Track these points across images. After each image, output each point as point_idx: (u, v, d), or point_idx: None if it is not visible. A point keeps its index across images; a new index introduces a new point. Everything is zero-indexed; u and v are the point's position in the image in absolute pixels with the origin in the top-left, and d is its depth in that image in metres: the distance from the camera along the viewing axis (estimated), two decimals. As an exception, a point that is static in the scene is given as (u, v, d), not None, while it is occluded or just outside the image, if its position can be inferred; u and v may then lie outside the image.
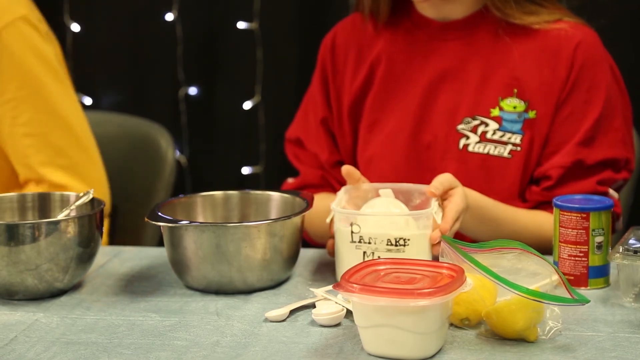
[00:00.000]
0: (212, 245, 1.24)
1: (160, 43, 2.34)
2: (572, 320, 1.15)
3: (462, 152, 1.47)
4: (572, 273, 1.27)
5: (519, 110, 1.46)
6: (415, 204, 1.35)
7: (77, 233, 1.26)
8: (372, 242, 1.24)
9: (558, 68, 1.46)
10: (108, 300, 1.26)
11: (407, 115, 1.51)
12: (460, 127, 1.48)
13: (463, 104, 1.48)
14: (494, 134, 1.47)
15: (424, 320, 1.03)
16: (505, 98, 1.46)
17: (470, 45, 1.50)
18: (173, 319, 1.19)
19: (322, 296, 1.22)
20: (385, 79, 1.53)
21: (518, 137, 1.46)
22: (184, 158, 2.39)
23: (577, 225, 1.26)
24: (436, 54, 1.50)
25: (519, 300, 1.08)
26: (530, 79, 1.46)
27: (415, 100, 1.50)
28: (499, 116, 1.47)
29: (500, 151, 1.46)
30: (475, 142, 1.47)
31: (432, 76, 1.50)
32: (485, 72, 1.48)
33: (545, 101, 1.46)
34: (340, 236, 1.27)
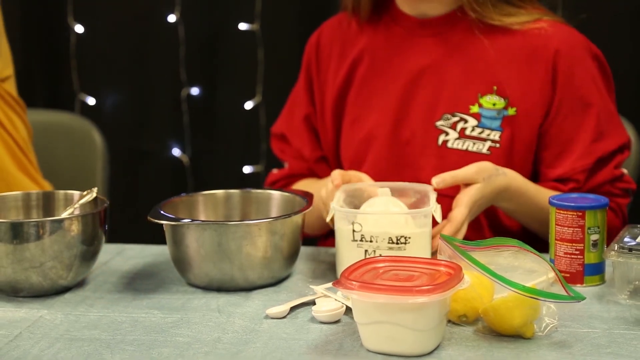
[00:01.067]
0: (214, 243, 1.24)
1: (162, 44, 2.34)
2: (568, 317, 1.15)
3: (441, 148, 1.47)
4: (568, 270, 1.27)
5: (498, 107, 1.46)
6: (410, 202, 1.35)
7: (81, 231, 1.25)
8: (374, 241, 1.24)
9: (537, 69, 1.46)
10: (111, 298, 1.26)
11: (387, 112, 1.51)
12: (439, 124, 1.48)
13: (442, 100, 1.48)
14: (472, 131, 1.47)
15: (423, 317, 1.03)
16: (485, 95, 1.47)
17: (448, 42, 1.50)
18: (175, 315, 1.19)
19: (322, 293, 1.22)
20: (367, 75, 1.53)
21: (497, 134, 1.46)
22: (186, 157, 2.39)
23: (573, 224, 1.26)
24: (414, 50, 1.51)
25: (515, 297, 1.08)
26: (509, 76, 1.46)
27: (395, 96, 1.51)
28: (478, 113, 1.47)
29: (479, 147, 1.46)
30: (454, 138, 1.47)
31: (410, 72, 1.50)
32: (464, 69, 1.48)
33: (525, 99, 1.46)
34: (341, 235, 1.27)
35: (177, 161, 2.40)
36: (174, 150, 2.39)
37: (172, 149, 2.40)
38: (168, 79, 2.36)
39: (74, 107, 2.38)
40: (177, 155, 2.39)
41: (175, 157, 2.39)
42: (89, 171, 1.98)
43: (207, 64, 2.35)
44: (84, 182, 1.48)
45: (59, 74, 2.39)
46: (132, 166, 2.36)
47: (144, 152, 2.40)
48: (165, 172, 2.41)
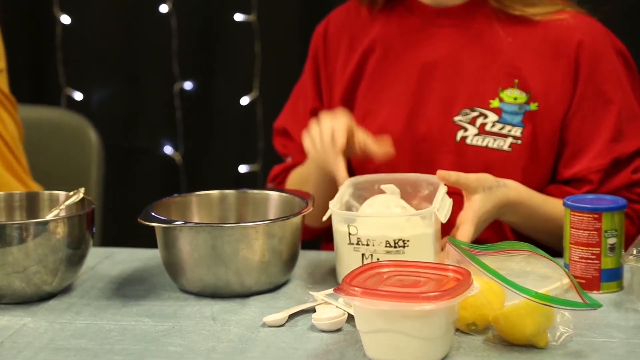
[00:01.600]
0: (208, 246, 1.25)
1: (154, 36, 2.35)
2: (584, 325, 1.15)
3: (459, 144, 1.47)
4: (583, 276, 1.27)
5: (519, 102, 1.46)
6: (423, 195, 1.35)
7: (67, 234, 1.26)
8: (370, 244, 1.25)
9: (560, 61, 1.47)
10: (99, 304, 1.27)
11: (400, 106, 1.51)
12: (457, 119, 1.48)
13: (460, 94, 1.49)
14: (493, 126, 1.47)
15: (429, 325, 1.04)
16: (506, 89, 1.47)
17: (466, 32, 1.50)
18: (167, 323, 1.19)
19: (322, 300, 1.22)
20: (379, 67, 1.53)
21: (518, 130, 1.47)
22: (178, 155, 2.39)
23: (589, 227, 1.26)
24: (431, 41, 1.51)
25: (528, 304, 1.08)
26: (531, 69, 1.47)
27: (409, 89, 1.51)
28: (498, 107, 1.47)
29: (499, 144, 1.47)
30: (473, 134, 1.47)
31: (426, 64, 1.50)
32: (483, 61, 1.49)
33: (547, 93, 1.47)
34: (339, 237, 1.28)
35: (169, 160, 2.40)
36: (165, 148, 2.40)
37: (164, 146, 2.40)
38: (160, 73, 2.37)
39: (60, 102, 2.38)
40: (169, 153, 2.40)
41: (167, 156, 2.40)
42: (82, 172, 1.98)
43: (201, 57, 2.36)
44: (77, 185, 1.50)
45: (43, 67, 2.39)
46: (121, 165, 2.37)
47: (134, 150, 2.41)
48: (157, 172, 2.41)
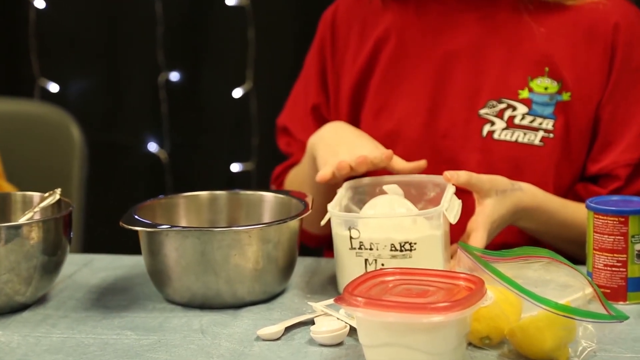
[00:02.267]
0: (197, 252, 1.25)
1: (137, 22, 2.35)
2: (609, 339, 1.15)
3: (486, 140, 1.47)
4: (608, 285, 1.27)
5: (550, 92, 1.46)
6: (429, 198, 1.35)
7: (42, 239, 1.26)
8: (374, 248, 1.25)
9: (594, 47, 1.47)
10: (77, 316, 1.27)
11: (419, 100, 1.51)
12: (483, 112, 1.48)
13: (485, 84, 1.49)
14: (522, 119, 1.47)
15: (439, 339, 1.04)
16: (536, 78, 1.47)
17: (492, 18, 1.50)
18: (152, 337, 1.19)
19: (321, 311, 1.22)
20: (394, 58, 1.53)
21: (550, 122, 1.47)
22: (164, 153, 2.39)
23: (614, 231, 1.26)
24: (452, 29, 1.51)
25: (547, 316, 1.08)
26: (563, 56, 1.47)
27: (429, 81, 1.51)
28: (528, 98, 1.47)
29: (530, 138, 1.47)
30: (501, 128, 1.47)
31: (447, 53, 1.50)
32: (511, 48, 1.48)
33: (580, 82, 1.47)
34: (339, 242, 1.28)
35: (154, 157, 2.41)
36: (150, 144, 2.40)
37: (147, 143, 2.40)
38: (144, 63, 2.37)
39: (33, 94, 2.38)
40: (154, 150, 2.40)
41: (151, 153, 2.40)
42: (62, 172, 1.97)
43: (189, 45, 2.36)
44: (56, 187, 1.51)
45: (14, 55, 2.39)
46: (101, 164, 2.37)
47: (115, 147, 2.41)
48: (140, 171, 2.41)
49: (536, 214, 1.40)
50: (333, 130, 1.45)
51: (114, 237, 1.72)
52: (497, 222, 1.34)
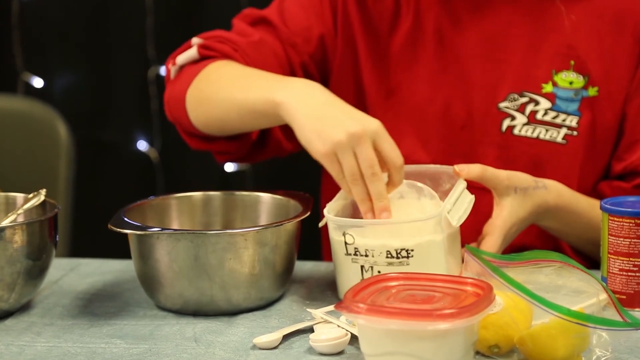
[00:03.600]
0: (190, 257, 1.25)
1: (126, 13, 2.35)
2: (624, 348, 1.15)
3: (505, 135, 1.47)
4: (624, 291, 1.28)
5: (576, 87, 1.46)
6: (444, 189, 1.34)
7: (26, 242, 1.26)
8: (370, 255, 1.25)
9: (623, 38, 1.46)
10: (63, 324, 1.27)
11: (436, 86, 1.50)
12: (503, 105, 1.48)
13: (507, 76, 1.48)
14: (545, 115, 1.47)
15: (445, 347, 1.04)
16: (560, 71, 1.47)
17: (516, 6, 1.48)
18: (142, 346, 1.20)
19: (321, 318, 1.23)
20: (413, 38, 1.51)
21: (574, 119, 1.47)
22: (154, 152, 2.40)
23: (631, 234, 1.26)
24: (476, 15, 1.49)
25: (559, 323, 1.08)
26: (590, 49, 1.47)
27: (448, 68, 1.50)
28: (552, 93, 1.47)
29: (552, 135, 1.47)
30: (522, 123, 1.47)
31: (468, 41, 1.49)
32: (535, 39, 1.48)
33: (608, 76, 1.47)
34: (336, 247, 1.28)
35: (143, 157, 2.41)
36: (139, 143, 2.40)
37: (137, 141, 2.41)
38: (133, 56, 2.37)
39: (16, 90, 2.39)
40: (144, 149, 2.40)
41: (141, 152, 2.40)
42: (48, 172, 1.98)
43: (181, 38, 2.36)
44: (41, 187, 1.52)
45: (-3, 49, 2.40)
46: (89, 163, 2.37)
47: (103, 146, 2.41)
48: (130, 170, 2.41)
49: (561, 214, 1.39)
50: (313, 95, 1.32)
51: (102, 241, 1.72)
52: (517, 226, 1.34)
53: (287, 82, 1.36)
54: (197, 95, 1.46)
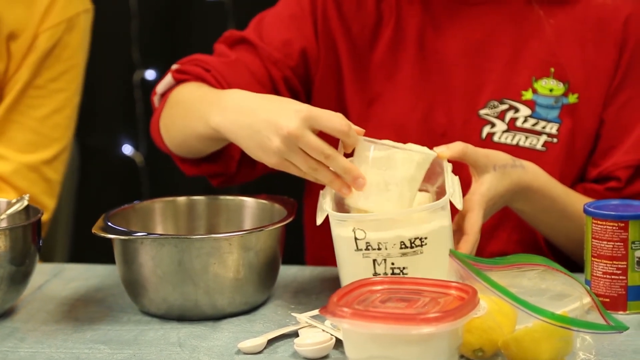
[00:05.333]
0: (174, 261, 1.25)
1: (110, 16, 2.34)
2: (608, 351, 1.16)
3: (485, 142, 1.47)
4: (607, 294, 1.28)
5: (556, 94, 1.47)
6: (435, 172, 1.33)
7: (9, 248, 1.26)
8: (383, 248, 1.24)
9: (604, 44, 1.47)
10: (47, 329, 1.27)
11: (417, 94, 1.50)
12: (483, 112, 1.49)
13: (487, 84, 1.49)
14: (525, 122, 1.48)
15: (429, 351, 1.05)
16: (540, 79, 1.47)
17: (498, 12, 1.49)
18: (126, 351, 1.20)
19: (306, 323, 1.23)
20: (393, 46, 1.51)
21: (554, 127, 1.47)
22: (139, 156, 2.39)
23: (614, 237, 1.27)
24: (457, 20, 1.49)
25: (543, 327, 1.09)
26: (571, 56, 1.47)
27: (429, 76, 1.50)
28: (531, 100, 1.48)
29: (532, 142, 1.47)
30: (502, 130, 1.48)
31: (449, 48, 1.49)
32: (515, 46, 1.49)
33: (588, 84, 1.47)
34: (342, 244, 1.26)
35: (128, 161, 2.40)
36: (124, 147, 2.40)
37: (122, 146, 2.40)
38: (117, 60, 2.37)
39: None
40: (129, 153, 2.40)
41: (126, 156, 2.40)
42: None
43: (166, 42, 2.36)
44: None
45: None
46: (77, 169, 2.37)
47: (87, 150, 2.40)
48: (114, 175, 2.41)
49: (536, 197, 1.39)
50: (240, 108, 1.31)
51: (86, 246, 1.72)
52: (494, 201, 1.33)
53: (219, 102, 1.35)
54: (165, 122, 1.49)
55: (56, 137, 1.66)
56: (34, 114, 1.63)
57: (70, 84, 1.67)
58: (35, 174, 1.64)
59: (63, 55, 1.63)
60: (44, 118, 1.64)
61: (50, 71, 1.63)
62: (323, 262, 1.50)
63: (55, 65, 1.63)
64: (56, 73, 1.64)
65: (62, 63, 1.64)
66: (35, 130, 1.64)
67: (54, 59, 1.63)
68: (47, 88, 1.64)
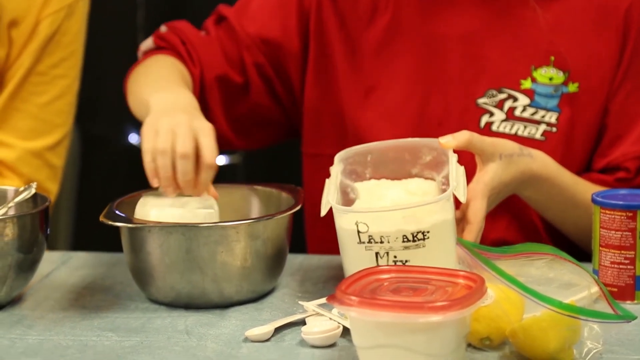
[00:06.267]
0: (181, 250, 1.25)
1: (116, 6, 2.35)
2: (615, 340, 1.16)
3: (483, 131, 1.47)
4: (615, 284, 1.28)
5: (555, 83, 1.47)
6: (425, 162, 1.34)
7: (17, 236, 1.26)
8: (385, 241, 1.24)
9: (606, 33, 1.47)
10: (55, 317, 1.27)
11: (413, 83, 1.50)
12: (481, 101, 1.49)
13: (486, 72, 1.49)
14: (524, 111, 1.48)
15: (437, 339, 1.05)
16: (540, 67, 1.47)
17: (494, 2, 1.48)
18: (134, 339, 1.20)
19: (313, 311, 1.23)
20: (389, 34, 1.51)
21: (554, 116, 1.47)
22: (145, 145, 2.39)
23: (622, 226, 1.27)
24: (454, 8, 1.49)
25: (551, 316, 1.09)
26: (571, 45, 1.47)
27: (425, 64, 1.50)
28: (530, 89, 1.48)
29: (531, 132, 1.47)
30: (500, 119, 1.48)
31: (446, 37, 1.49)
32: (514, 34, 1.48)
33: (590, 72, 1.47)
34: (346, 236, 1.26)
35: (135, 150, 2.40)
36: (131, 136, 2.40)
37: (128, 134, 2.40)
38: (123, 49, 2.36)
39: None
40: (135, 142, 2.40)
41: (132, 145, 2.40)
42: None
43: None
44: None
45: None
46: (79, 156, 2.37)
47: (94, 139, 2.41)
48: (121, 163, 2.41)
49: (545, 185, 1.39)
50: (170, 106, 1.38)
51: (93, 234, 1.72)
52: (498, 189, 1.33)
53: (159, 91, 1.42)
54: (129, 86, 1.58)
55: (58, 123, 1.66)
56: (36, 101, 1.63)
57: (71, 70, 1.67)
58: (39, 160, 1.64)
59: (63, 42, 1.64)
60: (46, 104, 1.64)
61: (51, 57, 1.63)
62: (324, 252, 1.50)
63: (57, 52, 1.64)
64: (57, 59, 1.64)
65: (62, 49, 1.64)
66: (38, 116, 1.64)
67: (55, 45, 1.63)
68: (48, 74, 1.64)
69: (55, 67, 1.64)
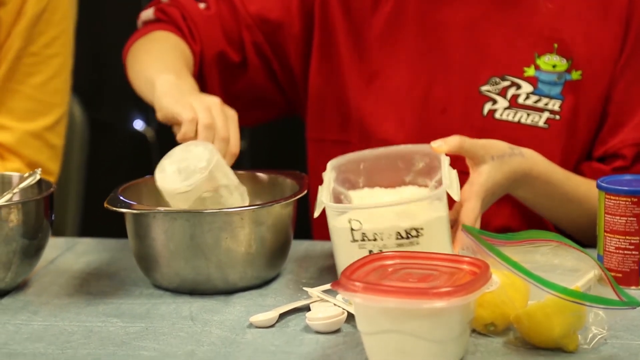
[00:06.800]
0: (186, 236, 1.25)
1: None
2: (620, 326, 1.16)
3: (486, 119, 1.47)
4: (620, 269, 1.28)
5: (559, 70, 1.47)
6: (418, 169, 1.35)
7: (22, 222, 1.27)
8: (379, 239, 1.25)
9: (609, 21, 1.46)
10: (60, 303, 1.27)
11: (417, 70, 1.50)
12: (484, 89, 1.48)
13: (489, 60, 1.49)
14: (527, 99, 1.47)
15: (441, 325, 1.05)
16: (543, 54, 1.47)
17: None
18: (139, 324, 1.20)
19: (318, 297, 1.23)
20: (392, 21, 1.51)
21: (557, 103, 1.47)
22: (150, 131, 2.39)
23: (627, 212, 1.27)
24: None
25: (555, 302, 1.09)
26: (574, 32, 1.47)
27: (429, 52, 1.50)
28: (534, 76, 1.47)
29: (534, 120, 1.47)
30: (503, 107, 1.48)
31: (450, 23, 1.49)
32: (518, 22, 1.48)
33: (593, 59, 1.47)
34: (338, 235, 1.27)
35: (140, 136, 2.41)
36: (136, 122, 2.40)
37: (133, 120, 2.40)
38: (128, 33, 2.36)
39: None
40: (140, 128, 2.40)
41: (137, 131, 2.40)
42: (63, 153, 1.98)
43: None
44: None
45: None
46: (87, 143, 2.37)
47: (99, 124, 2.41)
48: (126, 150, 2.41)
49: (537, 183, 1.39)
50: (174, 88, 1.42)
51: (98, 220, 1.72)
52: (492, 190, 1.33)
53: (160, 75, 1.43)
54: (130, 59, 1.58)
55: (56, 103, 1.66)
56: (32, 82, 1.63)
57: (64, 48, 1.67)
58: (40, 141, 1.64)
59: (53, 20, 1.63)
60: (42, 84, 1.64)
61: (43, 37, 1.63)
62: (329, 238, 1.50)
63: (48, 31, 1.63)
64: (49, 38, 1.64)
65: (53, 28, 1.64)
66: (35, 97, 1.64)
67: (45, 23, 1.63)
68: (42, 54, 1.64)
69: (48, 47, 1.64)
